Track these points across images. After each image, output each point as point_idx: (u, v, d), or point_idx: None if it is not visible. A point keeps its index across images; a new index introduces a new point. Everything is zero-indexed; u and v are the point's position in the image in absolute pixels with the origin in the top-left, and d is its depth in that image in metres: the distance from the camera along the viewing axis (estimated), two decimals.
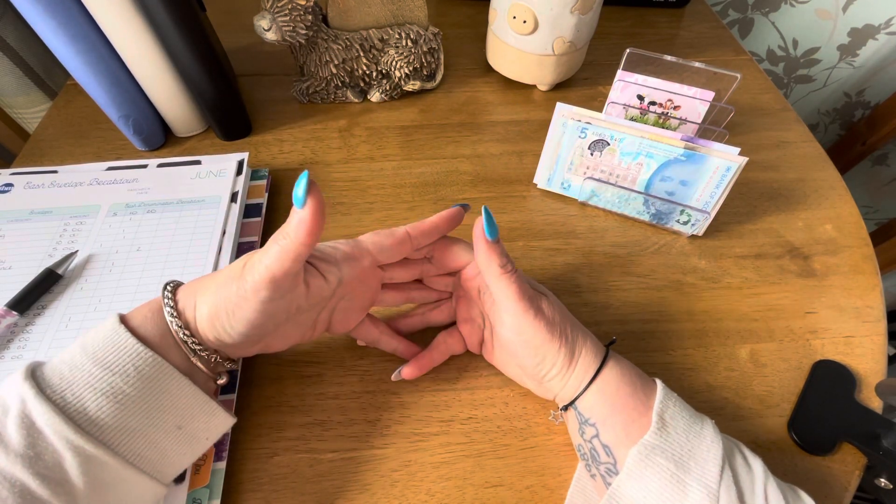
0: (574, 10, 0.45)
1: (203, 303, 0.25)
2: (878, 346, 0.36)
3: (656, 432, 0.24)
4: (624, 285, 0.39)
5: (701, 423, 0.26)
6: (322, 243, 0.28)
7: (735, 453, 0.25)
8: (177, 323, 0.25)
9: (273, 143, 0.48)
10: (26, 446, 0.20)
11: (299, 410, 0.32)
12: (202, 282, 0.26)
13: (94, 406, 0.22)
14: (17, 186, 0.41)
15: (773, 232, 0.43)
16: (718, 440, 0.25)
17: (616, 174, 0.41)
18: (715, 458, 0.24)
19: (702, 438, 0.25)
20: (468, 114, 0.52)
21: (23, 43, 0.55)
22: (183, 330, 0.25)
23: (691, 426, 0.25)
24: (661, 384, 0.27)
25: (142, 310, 0.25)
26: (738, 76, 0.42)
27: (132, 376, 0.23)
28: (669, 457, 0.24)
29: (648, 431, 0.24)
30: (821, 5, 0.76)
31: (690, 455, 0.24)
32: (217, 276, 0.26)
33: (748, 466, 0.24)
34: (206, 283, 0.26)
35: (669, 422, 0.25)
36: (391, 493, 0.29)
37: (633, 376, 0.27)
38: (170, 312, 0.25)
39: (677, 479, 0.23)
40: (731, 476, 0.23)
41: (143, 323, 0.24)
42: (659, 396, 0.26)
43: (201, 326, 0.25)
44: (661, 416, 0.25)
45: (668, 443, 0.24)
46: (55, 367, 0.23)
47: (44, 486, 0.20)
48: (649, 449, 0.24)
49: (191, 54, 0.40)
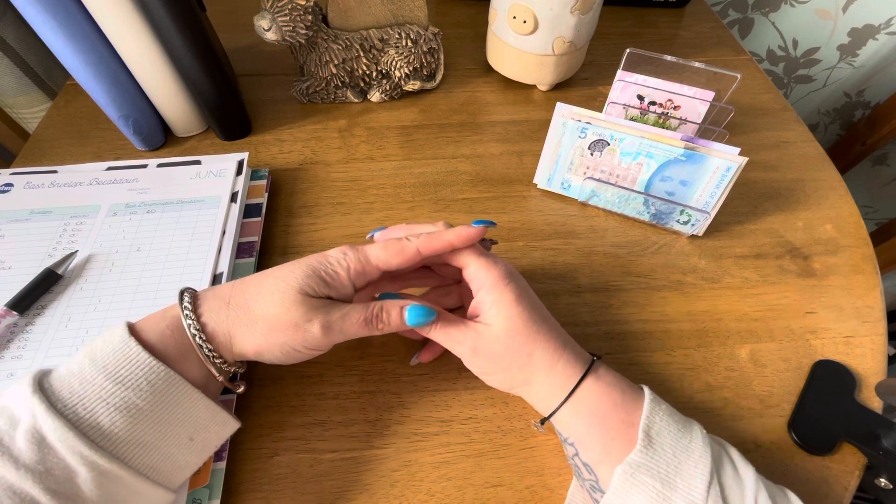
0: (574, 10, 0.45)
1: (244, 342, 0.26)
2: (878, 346, 0.36)
3: (642, 450, 0.24)
4: (624, 285, 0.39)
5: (689, 435, 0.25)
6: (331, 258, 0.28)
7: (725, 464, 0.24)
8: (200, 337, 0.25)
9: (273, 143, 0.48)
10: (37, 461, 0.20)
11: (299, 410, 0.32)
12: (236, 311, 0.26)
13: (108, 420, 0.22)
14: (17, 186, 0.41)
15: (773, 232, 0.43)
16: (707, 454, 0.24)
17: (616, 174, 0.41)
18: (702, 474, 0.23)
19: (689, 453, 0.24)
20: (468, 114, 0.52)
21: (23, 43, 0.55)
22: (207, 345, 0.25)
23: (678, 441, 0.24)
24: (649, 396, 0.26)
25: (153, 320, 0.25)
26: (738, 76, 0.42)
27: (145, 390, 0.23)
28: (655, 475, 0.23)
29: (634, 449, 0.24)
30: (821, 5, 0.76)
31: (677, 472, 0.23)
32: (257, 310, 0.25)
33: (738, 478, 0.24)
34: (242, 317, 0.25)
35: (655, 438, 0.24)
36: (391, 493, 0.29)
37: (615, 391, 0.26)
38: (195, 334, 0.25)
39: (664, 497, 0.23)
40: (719, 491, 0.23)
41: (156, 335, 0.24)
42: (645, 411, 0.25)
43: (231, 354, 0.26)
44: (646, 433, 0.24)
45: (654, 460, 0.24)
46: (64, 380, 0.22)
47: (54, 502, 0.20)
48: (634, 468, 0.23)
49: (191, 54, 0.40)
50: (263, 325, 0.25)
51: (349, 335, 0.27)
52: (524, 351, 0.27)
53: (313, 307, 0.26)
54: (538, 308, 0.28)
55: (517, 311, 0.27)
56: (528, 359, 0.27)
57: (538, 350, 0.27)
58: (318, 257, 0.27)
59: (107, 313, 0.34)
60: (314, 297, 0.26)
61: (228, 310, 0.26)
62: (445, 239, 0.28)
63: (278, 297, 0.25)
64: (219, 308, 0.26)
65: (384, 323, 0.27)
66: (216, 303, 0.26)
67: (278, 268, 0.27)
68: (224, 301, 0.26)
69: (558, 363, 0.27)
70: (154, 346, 0.24)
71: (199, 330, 0.25)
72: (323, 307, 0.26)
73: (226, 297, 0.26)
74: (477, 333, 0.27)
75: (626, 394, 0.26)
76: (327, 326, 0.26)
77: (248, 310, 0.26)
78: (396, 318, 0.27)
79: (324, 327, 0.26)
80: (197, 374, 0.25)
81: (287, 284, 0.26)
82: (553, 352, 0.27)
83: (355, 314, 0.26)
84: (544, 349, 0.27)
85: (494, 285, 0.27)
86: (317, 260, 0.27)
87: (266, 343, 0.26)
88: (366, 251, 0.28)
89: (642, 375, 0.34)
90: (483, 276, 0.28)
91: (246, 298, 0.26)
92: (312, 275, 0.26)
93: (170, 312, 0.26)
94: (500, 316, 0.27)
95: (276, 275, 0.26)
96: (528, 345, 0.27)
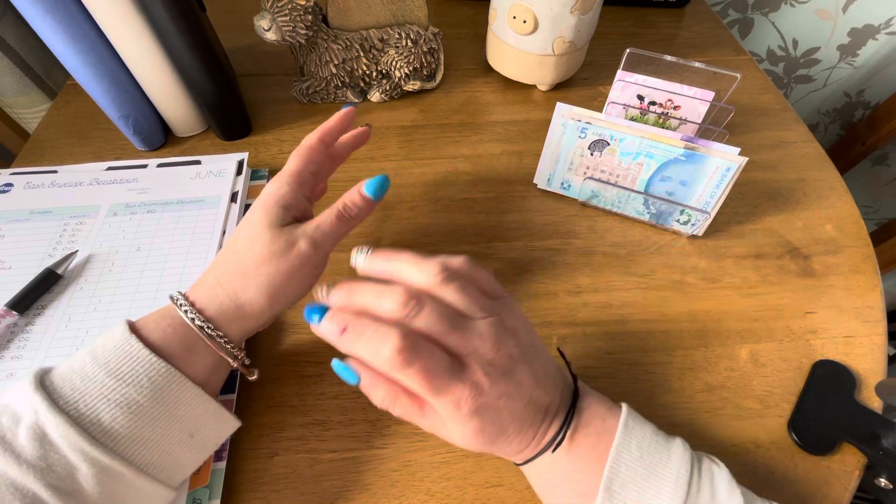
0: (574, 10, 0.45)
1: (253, 295, 0.26)
2: (878, 346, 0.36)
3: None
4: (624, 285, 0.39)
5: (661, 474, 0.23)
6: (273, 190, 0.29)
7: (703, 500, 0.23)
8: (205, 324, 0.25)
9: (273, 143, 0.48)
10: (39, 457, 0.20)
11: (299, 410, 0.32)
12: (229, 278, 0.27)
13: (108, 417, 0.22)
14: (17, 186, 0.41)
15: (773, 232, 0.43)
16: (680, 492, 0.22)
17: (616, 174, 0.41)
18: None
19: (659, 499, 0.23)
20: (468, 114, 0.52)
21: (23, 43, 0.55)
22: (214, 330, 0.26)
23: (645, 489, 0.23)
24: (618, 437, 0.24)
25: (152, 318, 0.26)
26: (738, 76, 0.42)
27: (146, 387, 0.23)
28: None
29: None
30: (821, 5, 0.76)
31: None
32: (246, 262, 0.27)
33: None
34: (237, 279, 0.27)
35: (619, 491, 0.23)
36: (391, 493, 0.29)
37: (573, 462, 0.24)
38: (192, 316, 0.25)
39: None
40: None
41: (156, 332, 0.25)
42: (608, 466, 0.23)
43: (240, 328, 0.27)
44: (608, 488, 0.23)
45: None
46: (65, 377, 0.23)
47: (55, 497, 0.20)
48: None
49: (191, 54, 0.40)
50: (261, 274, 0.26)
51: (333, 236, 0.29)
52: (480, 449, 0.25)
53: (289, 232, 0.27)
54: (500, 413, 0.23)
55: (477, 444, 0.24)
56: (485, 448, 0.25)
57: (495, 451, 0.25)
58: (263, 197, 0.29)
59: (107, 313, 0.34)
60: (284, 224, 0.28)
61: (223, 288, 0.26)
62: (331, 124, 0.32)
63: (258, 242, 0.27)
64: (211, 289, 0.27)
65: (353, 207, 0.29)
66: (206, 288, 0.27)
67: (238, 227, 0.28)
68: (213, 282, 0.27)
69: (516, 455, 0.25)
70: (157, 344, 0.24)
71: (203, 319, 0.26)
72: (297, 227, 0.28)
73: (211, 279, 0.27)
74: (434, 422, 0.24)
75: (584, 461, 0.24)
76: (310, 238, 0.28)
77: (240, 274, 0.27)
78: (359, 198, 0.29)
79: (307, 240, 0.27)
80: (203, 368, 0.26)
81: (255, 228, 0.27)
82: (513, 448, 0.25)
83: (326, 216, 0.29)
84: (503, 451, 0.25)
85: (452, 417, 0.23)
86: (263, 197, 0.28)
87: (272, 289, 0.27)
88: (289, 171, 0.30)
89: (642, 375, 0.34)
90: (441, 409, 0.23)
91: (231, 268, 0.27)
92: (271, 208, 0.28)
93: (168, 313, 0.26)
94: (457, 437, 0.24)
95: (242, 232, 0.28)
96: (485, 448, 0.24)
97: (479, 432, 0.23)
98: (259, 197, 0.29)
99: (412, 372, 0.21)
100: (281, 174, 0.30)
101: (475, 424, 0.23)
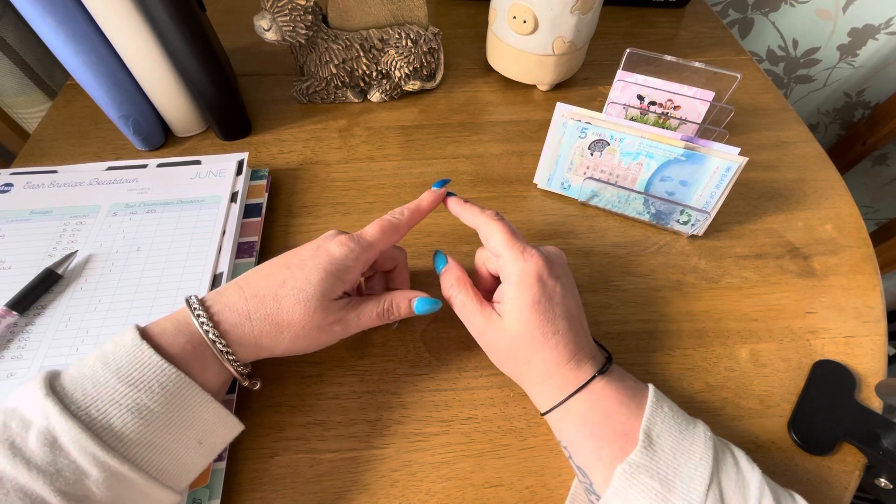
0: (574, 10, 0.45)
1: (273, 348, 0.27)
2: (878, 346, 0.36)
3: (642, 451, 0.24)
4: (624, 285, 0.39)
5: (691, 437, 0.25)
6: (339, 256, 0.28)
7: (727, 467, 0.24)
8: (227, 352, 0.26)
9: (273, 143, 0.48)
10: (48, 462, 0.20)
11: (299, 410, 0.32)
12: (260, 324, 0.27)
13: (120, 422, 0.22)
14: (17, 186, 0.41)
15: (773, 232, 0.43)
16: (708, 455, 0.24)
17: (616, 174, 0.41)
18: (702, 476, 0.23)
19: (690, 455, 0.24)
20: (468, 114, 0.52)
21: (23, 43, 0.55)
22: (232, 356, 0.26)
23: (680, 442, 0.24)
24: (652, 396, 0.26)
25: (164, 324, 0.26)
26: (738, 76, 0.42)
27: (157, 393, 0.23)
28: (655, 475, 0.23)
29: (634, 450, 0.24)
30: (821, 5, 0.76)
31: (676, 473, 0.23)
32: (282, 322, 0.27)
33: (742, 480, 0.24)
34: (267, 329, 0.27)
35: (656, 439, 0.24)
36: (391, 493, 0.29)
37: (611, 402, 0.26)
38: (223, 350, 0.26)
39: (662, 498, 0.23)
40: (718, 494, 0.23)
41: (168, 338, 0.25)
42: (647, 413, 0.25)
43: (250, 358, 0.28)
44: (647, 434, 0.24)
45: (654, 461, 0.24)
46: (76, 382, 0.23)
47: (63, 503, 0.20)
48: (634, 468, 0.24)
49: (191, 54, 0.40)
50: (290, 333, 0.27)
51: (365, 328, 0.30)
52: (522, 357, 0.28)
53: (333, 310, 0.28)
54: (556, 316, 0.27)
55: (528, 317, 0.27)
56: (525, 365, 0.28)
57: (536, 359, 0.27)
58: (326, 259, 0.28)
59: (107, 313, 0.34)
60: (334, 298, 0.28)
61: (251, 323, 0.27)
62: (421, 207, 0.32)
63: (301, 309, 0.27)
64: (241, 323, 0.27)
65: (396, 315, 0.30)
66: (236, 318, 0.26)
67: (291, 272, 0.28)
68: (244, 316, 0.27)
69: (553, 376, 0.27)
70: (164, 348, 0.24)
71: (224, 345, 0.26)
72: (341, 308, 0.28)
73: (244, 311, 0.27)
74: (487, 321, 0.29)
75: (623, 404, 0.26)
76: (346, 324, 0.29)
77: (272, 322, 0.27)
78: (406, 309, 0.30)
79: (344, 326, 0.29)
80: (216, 381, 0.26)
81: (307, 294, 0.27)
82: (552, 364, 0.27)
83: (368, 311, 0.29)
84: (543, 360, 0.27)
85: (517, 282, 0.28)
86: (327, 261, 0.28)
87: (293, 346, 0.28)
88: (366, 238, 0.29)
89: (642, 375, 0.34)
90: (509, 268, 0.28)
91: (267, 312, 0.27)
92: (329, 278, 0.27)
93: (185, 325, 0.26)
94: (512, 317, 0.28)
95: (292, 284, 0.27)
96: (527, 352, 0.27)
97: (536, 303, 0.27)
98: (325, 250, 0.28)
99: (501, 224, 0.29)
100: (356, 238, 0.29)
101: (536, 291, 0.27)
